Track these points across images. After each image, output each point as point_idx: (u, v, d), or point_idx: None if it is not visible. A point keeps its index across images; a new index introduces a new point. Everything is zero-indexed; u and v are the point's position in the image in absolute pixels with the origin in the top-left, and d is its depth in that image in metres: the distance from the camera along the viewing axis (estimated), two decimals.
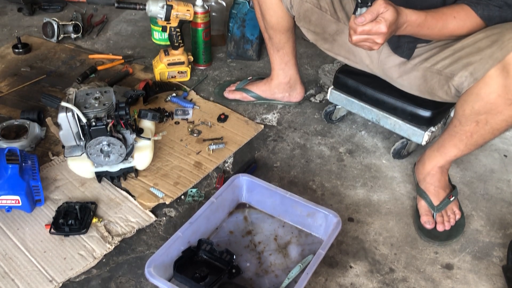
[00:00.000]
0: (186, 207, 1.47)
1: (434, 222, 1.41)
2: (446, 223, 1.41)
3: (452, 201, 1.44)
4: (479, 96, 1.24)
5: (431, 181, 1.45)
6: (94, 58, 2.16)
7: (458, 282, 1.29)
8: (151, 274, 1.13)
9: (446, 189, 1.46)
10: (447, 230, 1.41)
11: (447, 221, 1.41)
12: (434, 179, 1.45)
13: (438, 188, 1.44)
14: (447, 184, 1.47)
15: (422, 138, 1.56)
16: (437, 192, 1.44)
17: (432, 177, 1.45)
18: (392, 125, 1.62)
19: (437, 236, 1.40)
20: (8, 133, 1.66)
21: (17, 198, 1.33)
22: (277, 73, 1.84)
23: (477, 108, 1.26)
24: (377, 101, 1.61)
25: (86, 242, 1.33)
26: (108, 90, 1.46)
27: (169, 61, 1.98)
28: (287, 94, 1.88)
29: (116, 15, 2.55)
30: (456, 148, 1.38)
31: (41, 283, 1.23)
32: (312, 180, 1.59)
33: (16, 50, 2.16)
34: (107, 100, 1.42)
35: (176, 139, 1.71)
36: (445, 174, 1.47)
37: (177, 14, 1.88)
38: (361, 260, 1.34)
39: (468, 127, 1.31)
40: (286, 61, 1.79)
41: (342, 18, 1.54)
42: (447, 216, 1.43)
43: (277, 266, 1.30)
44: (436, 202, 1.43)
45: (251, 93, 1.89)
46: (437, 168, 1.45)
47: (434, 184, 1.45)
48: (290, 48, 1.76)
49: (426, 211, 1.43)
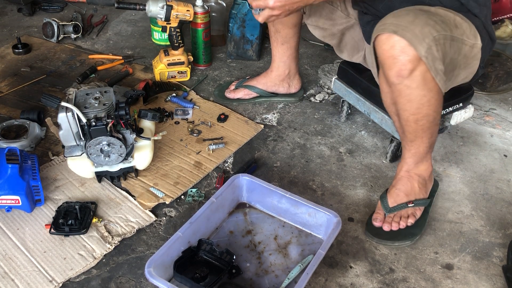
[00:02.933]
0: (186, 207, 1.47)
1: (382, 221, 1.39)
2: (394, 224, 1.38)
3: (410, 207, 1.40)
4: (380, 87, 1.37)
5: (396, 184, 1.42)
6: (94, 58, 2.16)
7: (458, 282, 1.29)
8: (151, 274, 1.13)
9: (410, 195, 1.40)
10: (393, 231, 1.38)
11: (395, 222, 1.38)
12: (399, 183, 1.42)
13: (400, 191, 1.41)
14: (415, 192, 1.41)
15: None
16: (396, 194, 1.41)
17: (398, 181, 1.42)
18: (379, 119, 1.64)
19: (379, 234, 1.38)
20: (8, 133, 1.66)
21: (17, 198, 1.33)
22: (277, 65, 1.85)
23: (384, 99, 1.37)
24: (370, 94, 1.63)
25: (86, 242, 1.33)
26: (108, 90, 1.46)
27: (169, 61, 1.98)
28: (287, 85, 1.91)
29: (116, 15, 2.56)
30: (405, 149, 1.39)
31: (41, 283, 1.23)
32: (312, 180, 1.59)
33: (16, 50, 2.17)
34: (107, 100, 1.42)
35: (176, 139, 1.71)
36: (414, 181, 1.41)
37: (177, 14, 1.88)
38: (361, 260, 1.34)
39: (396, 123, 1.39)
40: (289, 55, 1.81)
41: (353, 14, 1.58)
42: (398, 218, 1.39)
43: (277, 266, 1.30)
44: (393, 204, 1.40)
45: (253, 88, 1.89)
46: (403, 172, 1.42)
47: (397, 187, 1.41)
48: (295, 42, 1.79)
49: (379, 209, 1.42)
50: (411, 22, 1.16)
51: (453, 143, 1.76)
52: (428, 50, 1.15)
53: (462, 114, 1.63)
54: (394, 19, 1.19)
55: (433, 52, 1.16)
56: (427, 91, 1.21)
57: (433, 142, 1.37)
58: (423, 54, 1.15)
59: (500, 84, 2.08)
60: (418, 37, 1.14)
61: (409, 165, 1.40)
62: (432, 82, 1.20)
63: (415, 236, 1.39)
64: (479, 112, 1.92)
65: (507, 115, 1.92)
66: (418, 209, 1.41)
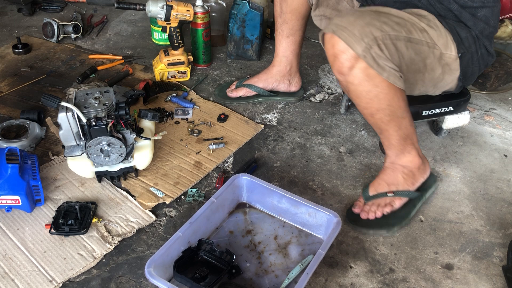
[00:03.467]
0: (186, 207, 1.47)
1: (361, 209, 1.43)
2: (371, 213, 1.41)
3: (389, 197, 1.42)
4: None
5: (379, 174, 1.47)
6: (94, 58, 2.16)
7: (458, 282, 1.29)
8: (151, 274, 1.13)
9: (392, 185, 1.44)
10: (370, 220, 1.40)
11: (372, 212, 1.41)
12: (383, 173, 1.46)
13: (382, 180, 1.45)
14: (398, 182, 1.44)
15: None
16: (378, 184, 1.45)
17: (382, 171, 1.47)
18: None
19: (357, 221, 1.41)
20: (8, 133, 1.66)
21: (17, 198, 1.33)
22: (279, 60, 1.85)
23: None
24: None
25: (86, 242, 1.33)
26: (108, 90, 1.46)
27: (169, 61, 1.98)
28: (288, 82, 1.91)
29: (116, 16, 2.56)
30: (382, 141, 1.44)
31: (41, 283, 1.23)
32: (312, 180, 1.59)
33: (16, 50, 2.16)
34: (107, 100, 1.42)
35: (176, 139, 1.71)
36: (398, 172, 1.44)
37: (177, 14, 1.88)
38: (361, 260, 1.34)
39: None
40: (292, 49, 1.82)
41: (357, 5, 1.61)
42: (375, 207, 1.42)
43: (277, 266, 1.30)
44: (373, 192, 1.44)
45: (253, 87, 1.90)
46: (386, 163, 1.46)
47: (380, 177, 1.46)
48: (300, 37, 1.80)
49: (361, 197, 1.46)
50: (351, 23, 1.23)
51: (453, 143, 1.76)
52: (367, 49, 1.21)
53: (455, 119, 1.66)
54: (338, 19, 1.26)
55: (375, 51, 1.22)
56: (372, 87, 1.26)
57: (407, 134, 1.39)
58: (360, 53, 1.21)
59: (500, 84, 2.08)
60: (356, 37, 1.21)
61: (390, 157, 1.45)
62: (377, 78, 1.24)
63: (392, 227, 1.40)
64: (479, 112, 1.92)
65: (507, 115, 1.92)
66: (398, 199, 1.43)
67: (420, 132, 1.80)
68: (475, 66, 1.44)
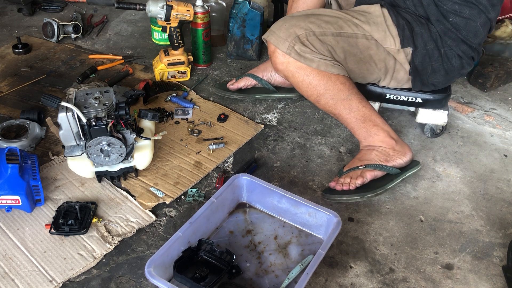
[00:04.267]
0: (186, 207, 1.47)
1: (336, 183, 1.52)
2: (345, 185, 1.50)
3: (360, 169, 1.52)
4: None
5: (356, 156, 1.59)
6: (94, 58, 2.16)
7: (458, 282, 1.29)
8: (151, 274, 1.13)
9: (364, 161, 1.54)
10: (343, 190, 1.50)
11: (345, 184, 1.50)
12: (359, 154, 1.58)
13: (355, 159, 1.57)
14: (369, 158, 1.54)
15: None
16: (352, 161, 1.57)
17: (359, 153, 1.59)
18: None
19: (330, 191, 1.52)
20: (8, 133, 1.66)
21: (17, 198, 1.33)
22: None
23: None
24: None
25: (86, 242, 1.33)
26: (108, 90, 1.46)
27: (169, 61, 1.98)
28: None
29: (116, 16, 2.56)
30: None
31: (41, 283, 1.23)
32: (312, 180, 1.59)
33: (16, 50, 2.16)
34: (107, 100, 1.42)
35: (176, 139, 1.71)
36: (371, 151, 1.54)
37: (177, 14, 1.88)
38: (361, 260, 1.34)
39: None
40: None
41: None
42: (348, 179, 1.51)
43: (277, 266, 1.30)
44: (346, 168, 1.55)
45: (253, 76, 1.91)
46: (362, 146, 1.58)
47: (356, 157, 1.58)
48: None
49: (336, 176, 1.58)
50: (279, 27, 1.49)
51: (453, 143, 1.76)
52: (290, 46, 1.45)
53: (428, 115, 1.70)
54: (273, 25, 1.53)
55: (298, 47, 1.45)
56: (304, 76, 1.49)
57: (364, 115, 1.52)
58: (285, 50, 1.46)
59: (500, 84, 2.08)
60: (281, 38, 1.47)
61: (360, 141, 1.58)
62: (307, 68, 1.47)
63: (366, 193, 1.49)
64: (479, 112, 1.92)
65: (507, 115, 1.92)
66: (369, 171, 1.51)
67: (420, 132, 1.80)
68: (437, 64, 1.52)
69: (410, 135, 1.79)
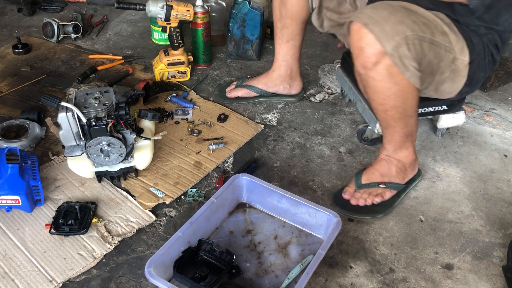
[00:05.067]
0: (186, 207, 1.47)
1: (351, 195, 1.45)
2: (362, 200, 1.44)
3: (381, 188, 1.45)
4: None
5: (374, 164, 1.49)
6: (94, 58, 2.16)
7: (458, 282, 1.29)
8: (151, 274, 1.13)
9: (385, 177, 1.47)
10: (357, 206, 1.43)
11: (362, 199, 1.44)
12: (377, 164, 1.49)
13: (376, 170, 1.47)
14: (391, 175, 1.47)
15: (375, 125, 1.60)
16: (371, 173, 1.47)
17: (377, 162, 1.49)
18: (361, 108, 1.70)
19: (345, 205, 1.44)
20: (8, 133, 1.66)
21: (17, 198, 1.33)
22: (279, 65, 1.85)
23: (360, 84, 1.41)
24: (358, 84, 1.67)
25: (86, 242, 1.33)
26: (108, 90, 1.46)
27: (169, 61, 1.98)
28: (288, 86, 1.90)
29: (116, 16, 2.56)
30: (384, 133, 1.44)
31: (41, 283, 1.23)
32: (312, 180, 1.59)
33: (16, 50, 2.16)
34: (107, 100, 1.42)
35: (176, 139, 1.71)
36: (392, 165, 1.47)
37: (177, 14, 1.88)
38: (361, 260, 1.34)
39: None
40: (292, 54, 1.81)
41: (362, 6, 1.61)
42: (366, 195, 1.44)
43: (277, 266, 1.30)
44: (365, 181, 1.46)
45: (253, 88, 1.90)
46: (382, 155, 1.48)
47: (374, 167, 1.48)
48: (299, 41, 1.79)
49: (352, 183, 1.49)
50: (384, 18, 1.20)
51: (453, 143, 1.76)
52: (395, 47, 1.19)
53: (450, 118, 1.67)
54: (370, 11, 1.22)
55: (403, 50, 1.20)
56: (392, 84, 1.26)
57: (410, 132, 1.42)
58: (389, 51, 1.19)
59: (500, 84, 2.08)
60: (387, 34, 1.19)
61: (387, 150, 1.47)
62: (399, 76, 1.24)
63: (377, 214, 1.44)
64: (479, 112, 1.92)
65: (507, 115, 1.92)
66: (389, 191, 1.46)
67: (420, 132, 1.80)
68: (481, 73, 1.42)
69: None
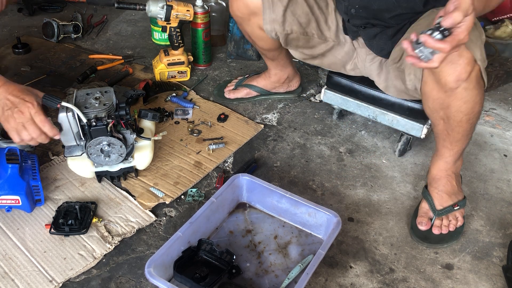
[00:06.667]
0: (186, 207, 1.47)
1: (429, 224, 1.40)
2: (444, 227, 1.39)
3: (457, 210, 1.41)
4: (426, 95, 1.31)
5: (436, 185, 1.42)
6: (94, 58, 2.16)
7: (458, 282, 1.29)
8: (151, 274, 1.13)
9: (452, 195, 1.41)
10: (439, 235, 1.39)
11: (445, 226, 1.39)
12: (439, 184, 1.42)
13: (442, 192, 1.41)
14: (455, 191, 1.42)
15: (421, 131, 1.59)
16: (440, 196, 1.41)
17: (437, 181, 1.42)
18: (389, 121, 1.65)
19: (428, 238, 1.38)
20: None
21: (17, 198, 1.33)
22: (274, 73, 1.88)
23: (431, 106, 1.31)
24: (374, 98, 1.65)
25: (86, 242, 1.33)
26: (109, 90, 1.46)
27: (169, 61, 1.98)
28: (286, 85, 1.94)
29: (116, 15, 2.56)
30: (446, 148, 1.38)
31: (41, 283, 1.23)
32: (312, 180, 1.59)
33: (16, 50, 2.16)
34: (108, 100, 1.42)
35: (176, 139, 1.71)
36: (452, 179, 1.42)
37: (177, 14, 1.88)
38: (361, 260, 1.34)
39: (440, 127, 1.34)
40: (282, 64, 1.84)
41: (330, 36, 1.59)
42: (448, 221, 1.40)
43: (277, 266, 1.30)
44: (439, 206, 1.40)
45: (255, 87, 1.91)
46: (442, 172, 1.42)
47: (438, 188, 1.41)
48: (284, 55, 1.79)
49: (424, 213, 1.42)
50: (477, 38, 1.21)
51: None
52: (482, 53, 1.22)
53: None
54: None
55: (483, 54, 1.23)
56: (479, 90, 1.25)
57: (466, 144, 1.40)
58: (479, 57, 1.20)
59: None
60: (474, 42, 1.19)
61: (449, 163, 1.40)
62: (482, 80, 1.25)
63: (460, 234, 1.40)
64: None
65: (507, 115, 1.92)
66: (460, 211, 1.42)
67: None
68: None
69: None
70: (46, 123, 1.28)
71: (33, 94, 1.30)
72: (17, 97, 1.25)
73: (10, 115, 1.25)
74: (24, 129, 1.26)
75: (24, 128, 1.26)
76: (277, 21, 1.52)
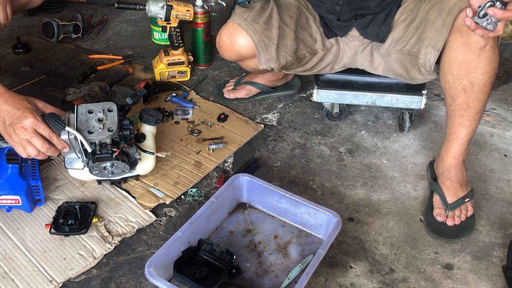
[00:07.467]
0: (186, 207, 1.47)
1: (445, 216, 1.41)
2: (457, 218, 1.41)
3: (467, 202, 1.43)
4: (451, 61, 1.34)
5: (449, 175, 1.43)
6: (94, 58, 2.16)
7: (458, 282, 1.29)
8: (151, 274, 1.13)
9: (463, 185, 1.43)
10: (456, 227, 1.40)
11: (457, 216, 1.41)
12: (451, 173, 1.43)
13: (455, 183, 1.42)
14: (465, 181, 1.44)
15: (420, 102, 1.68)
16: (453, 186, 1.42)
17: (450, 170, 1.43)
18: (389, 101, 1.71)
19: (446, 233, 1.39)
20: None
21: (17, 198, 1.33)
22: (272, 73, 1.90)
23: (455, 73, 1.33)
24: (370, 85, 1.70)
25: (86, 242, 1.33)
26: (112, 108, 1.37)
27: (169, 61, 1.98)
28: (284, 80, 1.98)
29: (116, 15, 2.56)
30: (462, 126, 1.38)
31: (41, 283, 1.23)
32: (312, 180, 1.59)
33: (16, 50, 2.16)
34: (112, 124, 1.33)
35: (176, 139, 1.71)
36: (463, 168, 1.44)
37: (177, 14, 1.88)
38: (361, 260, 1.34)
39: (460, 99, 1.35)
40: (274, 72, 1.85)
41: (319, 47, 1.62)
42: (460, 211, 1.42)
43: (277, 266, 1.30)
44: (451, 199, 1.42)
45: (257, 84, 1.92)
46: (455, 160, 1.42)
47: (451, 179, 1.43)
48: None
49: (439, 204, 1.43)
50: None
51: None
52: None
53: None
54: None
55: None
56: (497, 49, 1.33)
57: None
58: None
59: (500, 84, 2.08)
60: None
61: (463, 146, 1.41)
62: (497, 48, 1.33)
63: (473, 226, 1.42)
64: None
65: (507, 115, 1.92)
66: (471, 202, 1.44)
67: (420, 132, 1.80)
68: None
69: (410, 135, 1.79)
70: (53, 136, 1.24)
71: (32, 104, 1.24)
72: (17, 109, 1.20)
73: (12, 132, 1.21)
74: (29, 144, 1.22)
75: (29, 144, 1.22)
76: (272, 59, 1.55)
